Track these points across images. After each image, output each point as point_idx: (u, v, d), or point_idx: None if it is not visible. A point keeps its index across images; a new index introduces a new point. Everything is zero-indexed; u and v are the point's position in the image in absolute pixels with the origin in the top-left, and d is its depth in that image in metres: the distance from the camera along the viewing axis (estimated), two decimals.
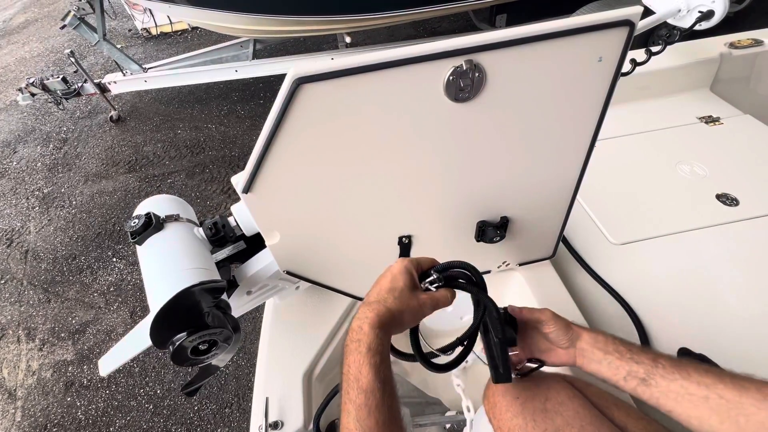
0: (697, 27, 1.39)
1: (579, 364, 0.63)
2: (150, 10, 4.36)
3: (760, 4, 3.31)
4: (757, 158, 1.34)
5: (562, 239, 1.03)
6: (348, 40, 3.38)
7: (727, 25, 1.39)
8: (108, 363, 0.64)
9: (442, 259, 0.63)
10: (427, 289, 0.58)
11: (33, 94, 3.23)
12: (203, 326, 0.59)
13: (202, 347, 0.62)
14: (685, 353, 0.90)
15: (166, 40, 4.93)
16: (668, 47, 1.30)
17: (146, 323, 0.58)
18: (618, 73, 0.61)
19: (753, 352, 0.88)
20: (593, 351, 0.61)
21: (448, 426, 0.94)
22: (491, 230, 0.83)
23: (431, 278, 0.58)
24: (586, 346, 0.62)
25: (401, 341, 0.59)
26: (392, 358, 0.56)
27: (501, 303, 1.16)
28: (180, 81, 3.48)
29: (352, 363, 0.48)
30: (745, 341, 0.90)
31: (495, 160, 0.71)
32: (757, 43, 1.62)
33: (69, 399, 1.98)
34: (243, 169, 0.63)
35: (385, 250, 0.86)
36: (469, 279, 0.61)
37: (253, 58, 3.48)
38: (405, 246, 0.85)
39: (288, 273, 0.82)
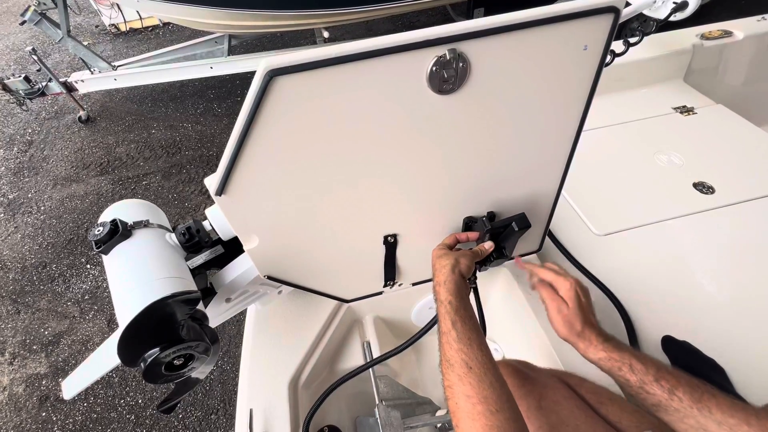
0: (671, 18, 1.41)
1: (582, 352, 0.61)
2: (117, 4, 4.17)
3: None
4: (729, 146, 1.38)
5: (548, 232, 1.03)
6: (326, 35, 3.32)
7: (695, 17, 1.42)
8: (72, 385, 0.59)
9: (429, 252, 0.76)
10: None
11: None
12: (177, 340, 0.55)
13: (177, 362, 0.58)
14: (668, 341, 0.92)
15: (136, 36, 4.74)
16: (642, 39, 1.32)
17: (113, 340, 0.54)
18: (603, 62, 0.60)
19: (732, 336, 0.90)
20: (607, 362, 0.58)
21: (439, 425, 0.93)
22: (478, 225, 0.81)
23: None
24: (603, 355, 0.59)
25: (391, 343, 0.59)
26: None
27: (487, 300, 1.15)
28: (152, 79, 3.35)
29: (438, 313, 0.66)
30: (724, 325, 0.93)
31: (481, 153, 0.69)
32: (727, 34, 1.67)
33: (44, 414, 1.89)
34: None
35: (370, 250, 0.83)
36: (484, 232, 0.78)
37: (228, 54, 3.37)
38: (391, 245, 0.83)
39: (269, 278, 0.79)
